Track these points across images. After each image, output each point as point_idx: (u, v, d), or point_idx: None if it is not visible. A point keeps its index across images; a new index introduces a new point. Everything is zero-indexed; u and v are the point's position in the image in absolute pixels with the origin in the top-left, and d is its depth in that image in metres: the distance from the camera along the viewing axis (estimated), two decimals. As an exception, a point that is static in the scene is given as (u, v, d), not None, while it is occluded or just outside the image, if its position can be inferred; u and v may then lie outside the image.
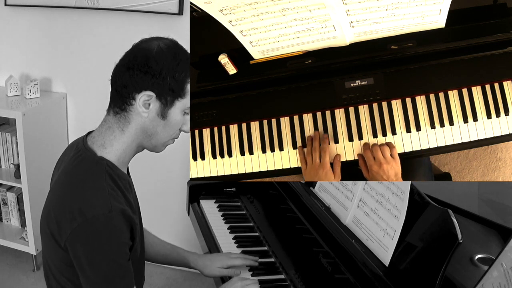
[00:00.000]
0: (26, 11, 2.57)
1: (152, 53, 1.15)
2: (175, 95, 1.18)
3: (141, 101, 1.17)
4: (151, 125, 1.21)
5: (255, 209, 1.88)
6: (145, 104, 1.17)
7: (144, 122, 1.20)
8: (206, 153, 1.69)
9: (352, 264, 1.30)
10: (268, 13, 1.36)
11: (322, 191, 1.56)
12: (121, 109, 1.20)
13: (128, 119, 1.20)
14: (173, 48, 1.18)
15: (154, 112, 1.19)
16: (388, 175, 1.46)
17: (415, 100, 1.54)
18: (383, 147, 1.49)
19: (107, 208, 1.12)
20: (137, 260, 1.29)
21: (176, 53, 1.17)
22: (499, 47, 1.49)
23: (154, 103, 1.18)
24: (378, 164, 1.47)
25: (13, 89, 2.57)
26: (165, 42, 1.18)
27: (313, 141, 1.55)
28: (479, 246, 1.33)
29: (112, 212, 1.12)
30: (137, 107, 1.18)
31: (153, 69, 1.15)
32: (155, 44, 1.17)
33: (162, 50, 1.16)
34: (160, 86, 1.16)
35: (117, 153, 1.22)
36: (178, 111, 1.20)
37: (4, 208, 2.77)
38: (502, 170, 2.20)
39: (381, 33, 1.47)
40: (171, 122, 1.21)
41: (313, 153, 1.53)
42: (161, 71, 1.15)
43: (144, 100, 1.17)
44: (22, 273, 2.65)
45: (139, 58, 1.16)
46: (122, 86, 1.18)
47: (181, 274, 2.73)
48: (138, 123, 1.20)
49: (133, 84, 1.16)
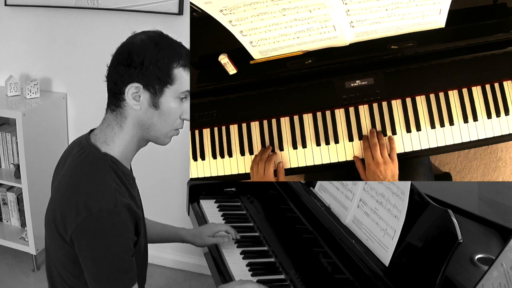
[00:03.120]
0: (26, 11, 2.57)
1: (133, 46, 1.18)
2: (162, 82, 1.18)
3: (130, 94, 1.18)
4: (146, 117, 1.21)
5: (255, 209, 1.88)
6: (135, 97, 1.19)
7: (139, 115, 1.21)
8: (206, 153, 1.69)
9: (352, 264, 1.30)
10: (268, 13, 1.36)
11: (322, 191, 1.56)
12: (116, 106, 1.22)
13: (124, 115, 1.22)
14: (155, 38, 1.19)
15: (146, 104, 1.20)
16: (385, 176, 1.47)
17: (415, 100, 1.54)
18: (383, 147, 1.49)
19: (113, 203, 1.13)
20: (140, 255, 1.30)
21: (157, 42, 1.18)
22: (499, 47, 1.49)
23: (144, 94, 1.19)
24: (375, 164, 1.48)
25: (13, 89, 2.57)
26: (147, 34, 1.20)
27: (262, 153, 1.60)
28: (479, 246, 1.33)
29: (117, 207, 1.13)
30: (128, 101, 1.19)
31: (135, 61, 1.16)
32: (138, 37, 1.20)
33: (143, 41, 1.18)
34: (145, 76, 1.17)
35: (120, 149, 1.23)
36: (171, 99, 1.20)
37: (4, 208, 2.77)
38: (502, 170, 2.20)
39: (381, 33, 1.47)
40: (165, 110, 1.21)
41: (259, 164, 1.59)
42: (143, 61, 1.16)
43: (132, 92, 1.18)
44: (22, 273, 2.65)
45: (122, 53, 1.18)
46: (112, 84, 1.20)
47: (181, 274, 2.73)
48: (133, 117, 1.21)
49: (120, 79, 1.18)
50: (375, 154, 1.48)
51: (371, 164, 1.48)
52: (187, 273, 2.74)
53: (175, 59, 1.18)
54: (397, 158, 1.52)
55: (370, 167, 1.49)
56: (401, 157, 1.52)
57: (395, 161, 1.49)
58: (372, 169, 1.48)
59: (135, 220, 1.19)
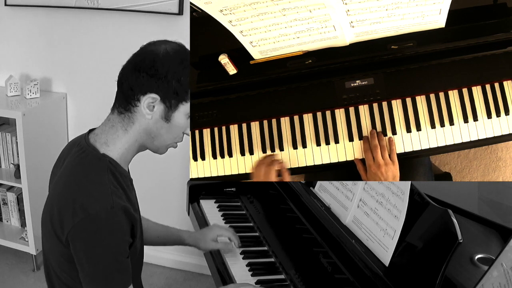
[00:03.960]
0: (26, 11, 2.57)
1: (159, 56, 1.17)
2: (179, 98, 1.19)
3: (145, 103, 1.18)
4: (155, 127, 1.22)
5: (255, 209, 1.88)
6: (150, 106, 1.19)
7: (148, 124, 1.21)
8: (206, 153, 1.69)
9: (352, 264, 1.30)
10: (268, 13, 1.36)
11: (322, 191, 1.56)
12: (126, 110, 1.21)
13: (132, 120, 1.21)
14: (180, 53, 1.19)
15: (158, 115, 1.20)
16: (386, 177, 1.47)
17: (415, 100, 1.54)
18: (383, 149, 1.49)
19: (109, 204, 1.13)
20: (135, 258, 1.30)
21: (183, 58, 1.19)
22: (499, 47, 1.49)
23: (158, 106, 1.19)
24: (377, 166, 1.48)
25: (13, 89, 2.57)
26: (172, 46, 1.20)
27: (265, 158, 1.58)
28: (479, 246, 1.33)
29: (114, 209, 1.13)
30: (141, 109, 1.19)
31: (159, 72, 1.16)
32: (163, 47, 1.18)
33: (168, 53, 1.17)
34: (165, 89, 1.17)
35: (120, 151, 1.23)
36: (182, 115, 1.21)
37: (4, 208, 2.77)
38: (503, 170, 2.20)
39: (381, 33, 1.47)
40: (174, 125, 1.22)
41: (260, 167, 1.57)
42: (166, 74, 1.16)
43: (148, 102, 1.18)
44: (22, 273, 2.65)
45: (146, 60, 1.17)
46: (128, 88, 1.19)
47: (181, 274, 2.73)
48: (141, 124, 1.21)
49: (138, 86, 1.17)
50: (376, 156, 1.48)
51: (372, 166, 1.48)
52: (187, 273, 2.74)
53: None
54: (397, 158, 1.52)
55: (371, 169, 1.49)
56: (401, 157, 1.52)
57: (395, 162, 1.49)
58: (373, 171, 1.48)
59: (131, 222, 1.19)
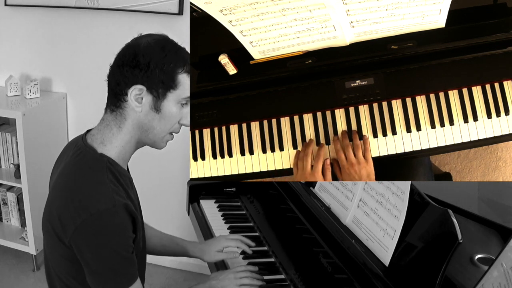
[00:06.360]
0: (26, 11, 2.57)
1: (139, 48, 1.18)
2: (166, 86, 1.19)
3: (133, 96, 1.18)
4: (146, 119, 1.22)
5: (255, 209, 1.88)
6: (137, 99, 1.19)
7: (139, 117, 1.21)
8: (206, 153, 1.69)
9: (352, 264, 1.30)
10: (268, 13, 1.36)
11: (322, 191, 1.56)
12: (116, 106, 1.22)
13: (124, 116, 1.22)
14: (161, 41, 1.20)
15: (148, 106, 1.20)
16: (360, 175, 1.48)
17: (415, 100, 1.54)
18: (356, 148, 1.50)
19: (111, 203, 1.13)
20: (139, 254, 1.30)
21: (163, 46, 1.19)
22: (499, 47, 1.49)
23: (146, 97, 1.19)
24: (350, 164, 1.49)
25: (13, 89, 2.57)
26: (153, 37, 1.21)
27: (306, 148, 1.56)
28: (479, 246, 1.33)
29: (116, 207, 1.14)
30: (130, 102, 1.20)
31: (140, 63, 1.16)
32: (144, 40, 1.20)
33: (149, 44, 1.18)
34: (149, 78, 1.17)
35: (117, 150, 1.23)
36: (172, 103, 1.21)
37: (4, 208, 2.77)
38: (503, 170, 2.20)
39: (381, 33, 1.47)
40: (166, 115, 1.22)
41: (304, 159, 1.54)
42: (149, 64, 1.16)
43: (135, 94, 1.18)
44: (22, 273, 2.65)
45: (127, 54, 1.18)
46: (115, 84, 1.20)
47: (181, 274, 2.73)
48: (133, 118, 1.22)
49: (124, 80, 1.18)
50: (349, 155, 1.50)
51: (345, 165, 1.50)
52: (187, 273, 2.74)
53: (180, 64, 1.19)
54: (397, 158, 1.52)
55: (345, 168, 1.50)
56: (401, 157, 1.52)
57: (369, 161, 1.50)
58: (347, 170, 1.50)
59: (132, 218, 1.20)
